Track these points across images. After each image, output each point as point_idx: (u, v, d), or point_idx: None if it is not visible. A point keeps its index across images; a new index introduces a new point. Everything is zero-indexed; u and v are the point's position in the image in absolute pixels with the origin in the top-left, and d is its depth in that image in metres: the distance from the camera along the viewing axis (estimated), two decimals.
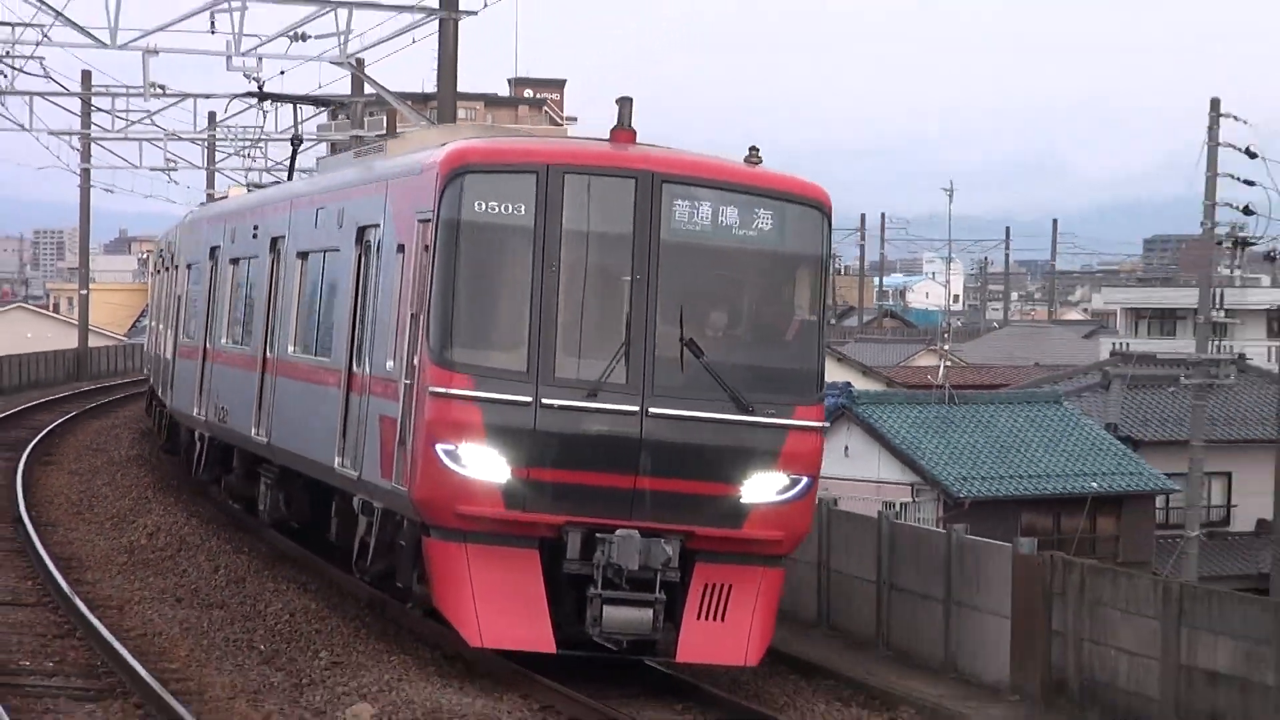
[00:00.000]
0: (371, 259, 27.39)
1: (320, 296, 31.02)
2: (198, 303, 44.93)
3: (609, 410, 22.47)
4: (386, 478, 24.52)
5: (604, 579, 22.33)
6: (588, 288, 23.33)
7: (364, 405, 26.46)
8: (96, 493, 46.14)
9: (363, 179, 29.02)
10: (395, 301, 25.16)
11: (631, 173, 23.05)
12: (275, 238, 35.11)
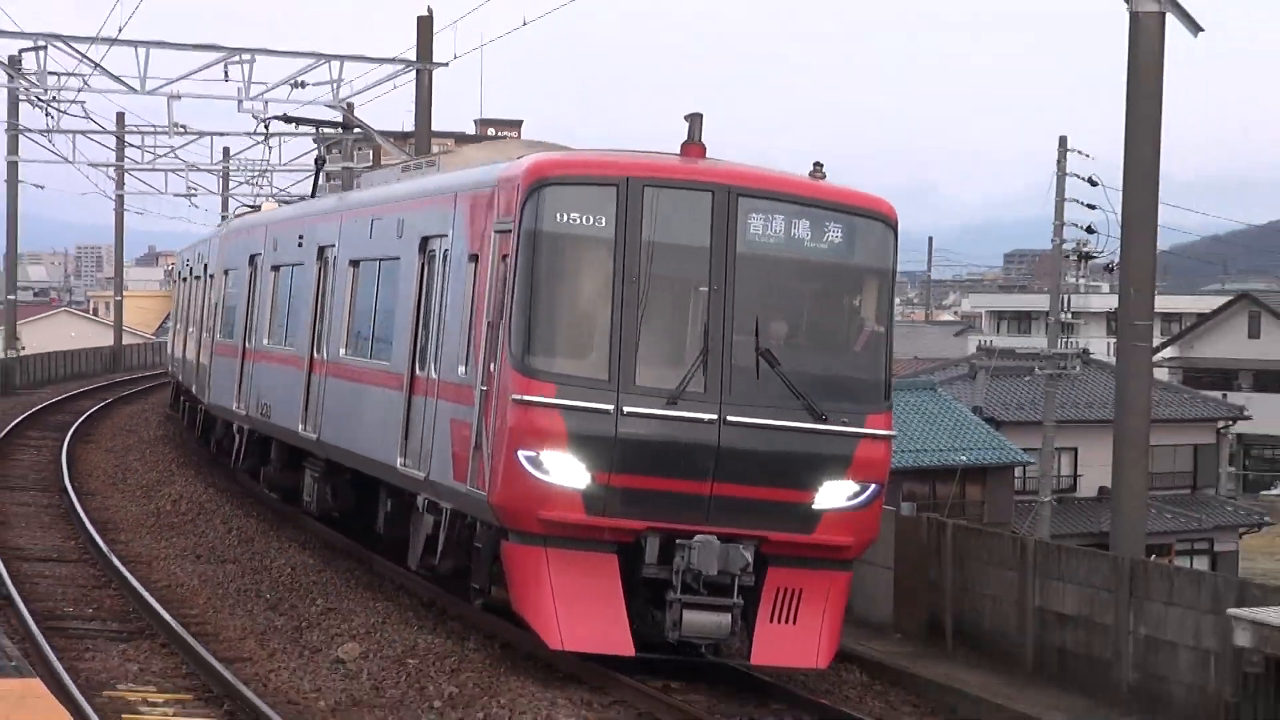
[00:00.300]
0: (436, 268, 24.71)
1: (376, 303, 28.05)
2: (236, 306, 40.94)
3: (688, 418, 20.11)
4: (460, 480, 21.87)
5: (683, 584, 19.94)
6: (666, 298, 20.97)
7: (430, 408, 23.83)
8: (129, 467, 45.99)
9: (426, 191, 26.24)
10: (466, 309, 22.57)
11: (708, 186, 20.91)
12: (323, 246, 31.81)
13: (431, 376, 23.98)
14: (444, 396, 23.06)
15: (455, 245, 23.66)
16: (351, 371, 28.65)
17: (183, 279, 58.58)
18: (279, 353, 35.07)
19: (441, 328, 23.84)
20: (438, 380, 23.56)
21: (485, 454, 20.96)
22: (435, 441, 23.18)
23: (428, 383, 24.18)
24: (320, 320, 31.32)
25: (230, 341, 40.85)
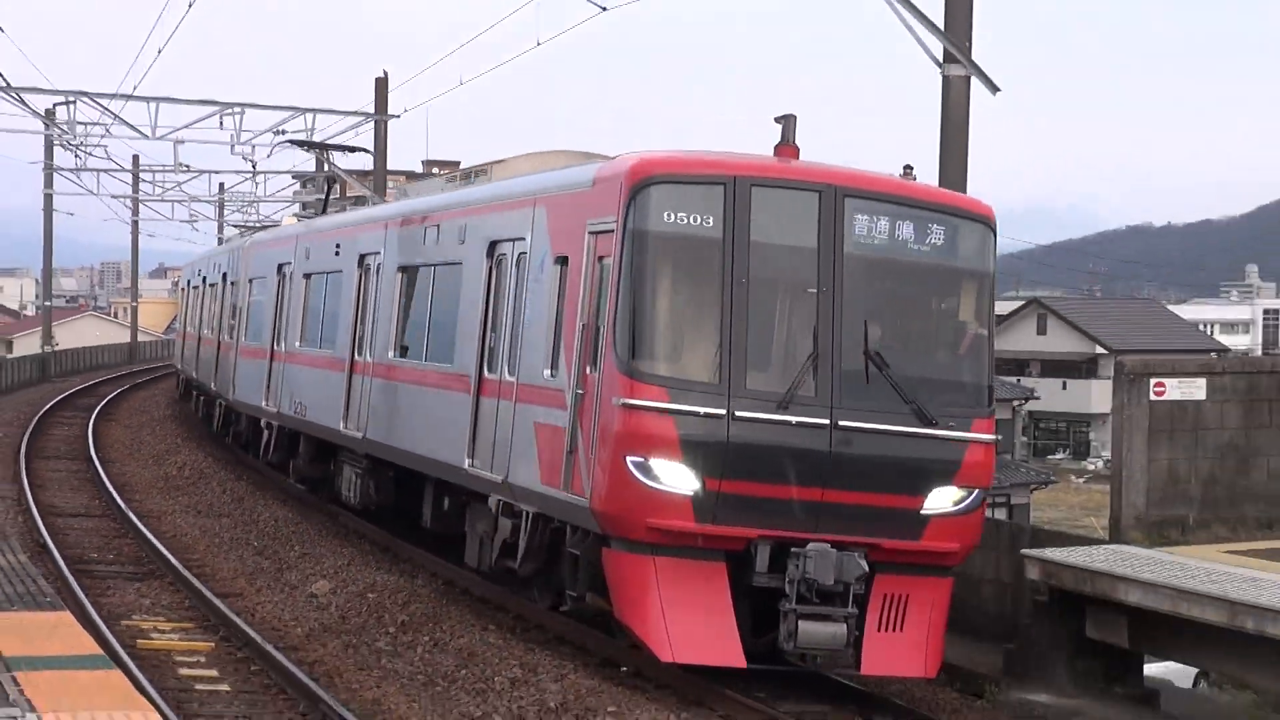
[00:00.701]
0: (508, 272, 20.72)
1: (431, 307, 23.92)
2: (264, 312, 35.77)
3: (799, 423, 16.70)
4: (550, 485, 18.17)
5: (797, 594, 16.57)
6: (774, 300, 17.61)
7: (506, 411, 19.97)
8: (142, 440, 45.71)
9: (495, 197, 21.98)
10: (551, 312, 18.88)
11: (815, 186, 17.44)
12: (364, 255, 27.45)
13: (506, 379, 20.17)
14: (526, 400, 19.28)
15: (536, 248, 19.79)
16: (404, 374, 24.62)
17: (193, 287, 53.42)
18: (314, 355, 30.54)
19: (518, 331, 19.98)
20: (515, 383, 19.74)
21: (583, 459, 17.43)
22: (515, 445, 19.38)
23: (501, 385, 20.30)
24: (361, 324, 27.28)
25: (257, 344, 35.88)
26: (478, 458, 20.64)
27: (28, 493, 32.01)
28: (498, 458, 19.82)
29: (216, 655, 18.97)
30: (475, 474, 20.67)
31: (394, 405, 24.85)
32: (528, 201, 20.25)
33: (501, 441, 19.75)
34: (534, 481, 18.63)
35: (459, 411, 21.41)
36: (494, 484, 19.88)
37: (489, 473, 20.06)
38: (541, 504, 18.58)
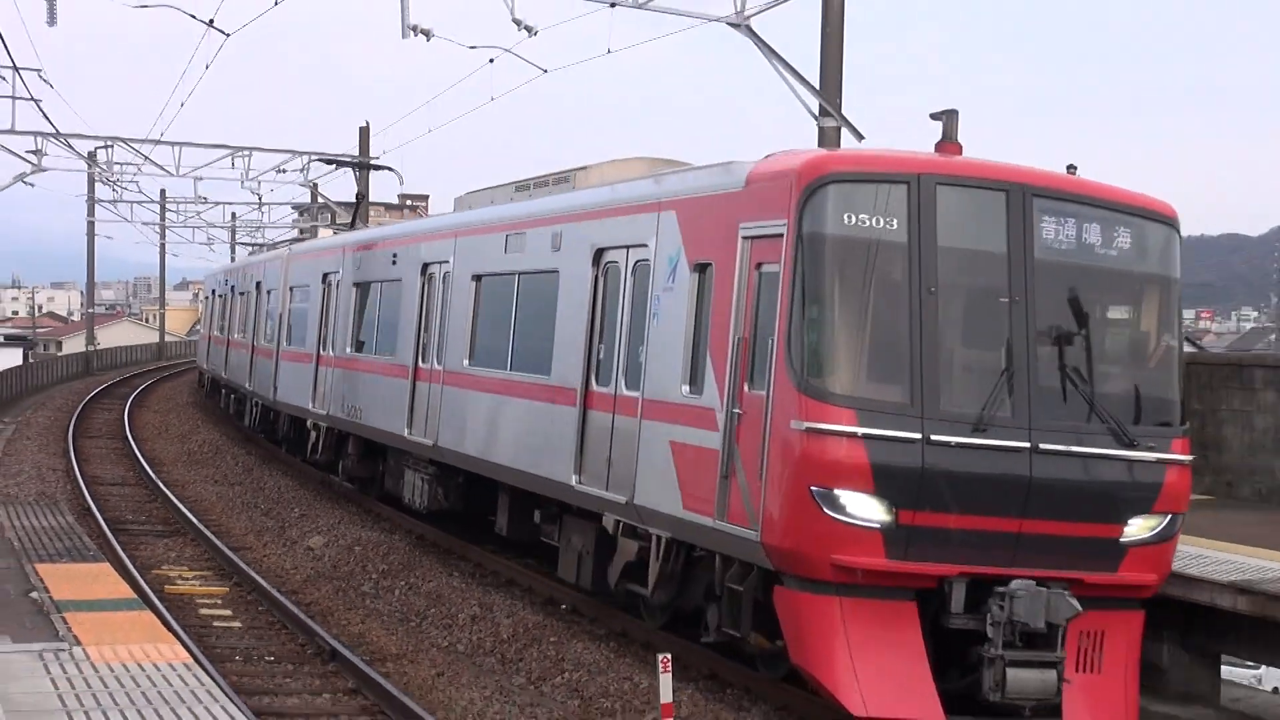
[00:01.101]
0: (621, 280, 16.47)
1: (517, 317, 19.44)
2: (307, 318, 30.76)
3: (997, 447, 12.69)
4: (696, 511, 13.89)
5: (1003, 636, 12.42)
6: (963, 311, 13.51)
7: (627, 428, 15.64)
8: (169, 423, 45.36)
9: (604, 203, 17.40)
10: (688, 324, 14.61)
11: (1002, 185, 13.41)
12: (428, 263, 22.73)
13: (625, 394, 15.88)
14: (655, 417, 15.00)
15: (661, 255, 15.40)
16: (484, 383, 19.97)
17: (219, 296, 48.93)
18: (369, 361, 25.72)
19: (639, 343, 15.70)
20: (639, 399, 15.40)
21: (744, 486, 13.25)
22: (642, 465, 15.13)
23: (619, 401, 16.05)
24: (425, 332, 22.67)
25: (300, 349, 31.04)
26: (588, 474, 16.45)
27: (74, 465, 31.76)
28: (617, 477, 15.69)
29: (230, 598, 18.90)
30: (586, 492, 16.42)
31: (472, 415, 20.38)
32: (648, 206, 16.01)
33: (622, 460, 15.62)
34: (671, 506, 14.42)
35: (561, 426, 17.11)
36: (613, 504, 15.70)
37: (606, 492, 15.86)
38: (681, 530, 14.47)
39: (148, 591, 17.76)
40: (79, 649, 10.49)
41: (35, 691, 9.28)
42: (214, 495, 29.10)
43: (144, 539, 23.34)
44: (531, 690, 14.66)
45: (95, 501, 26.34)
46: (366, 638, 16.86)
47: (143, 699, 9.19)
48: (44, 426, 42.10)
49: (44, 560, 14.29)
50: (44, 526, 17.19)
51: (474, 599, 18.35)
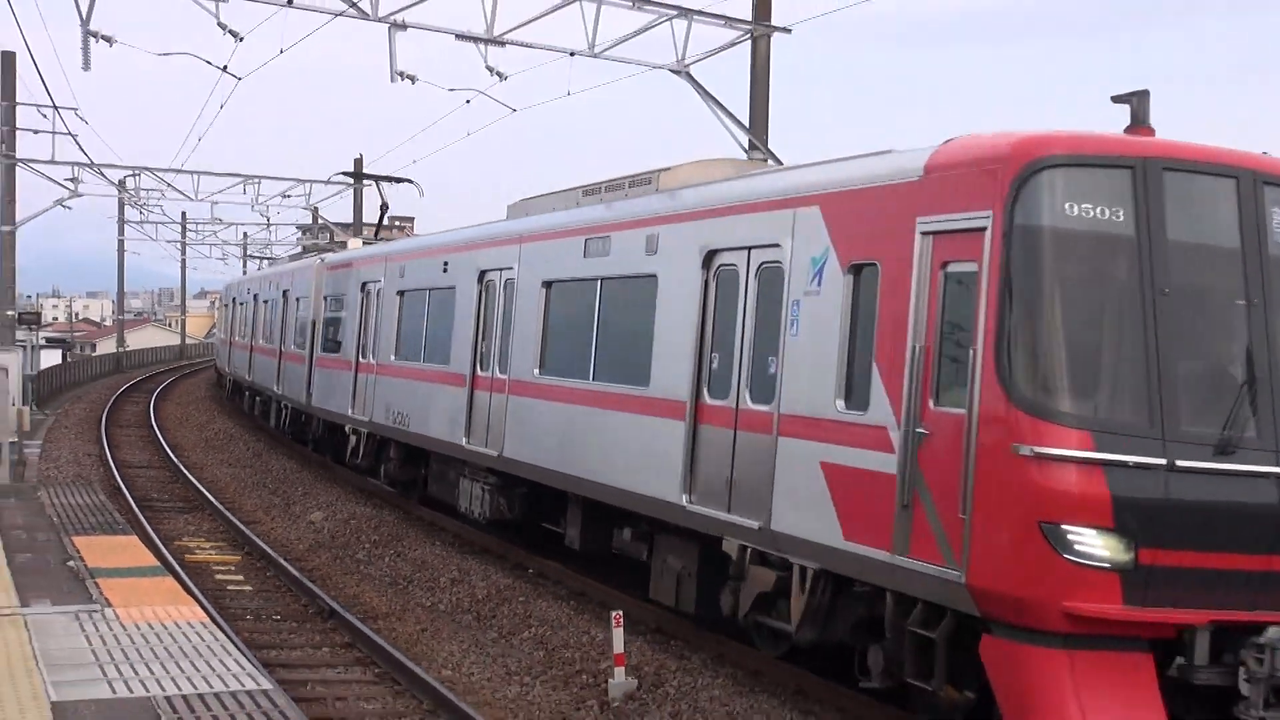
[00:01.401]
0: (739, 283, 12.99)
1: (600, 324, 15.77)
2: (345, 326, 26.60)
3: (1244, 472, 9.67)
4: (864, 543, 10.80)
5: (1264, 696, 9.33)
6: (1197, 315, 10.19)
7: (757, 446, 12.34)
8: (188, 414, 45.02)
9: (714, 201, 13.84)
10: (840, 331, 11.39)
11: (1231, 171, 10.27)
12: (485, 270, 18.95)
13: (752, 408, 12.37)
14: (799, 435, 11.66)
15: (801, 256, 11.94)
16: (557, 393, 16.26)
17: (240, 304, 44.88)
18: (416, 369, 21.72)
19: (767, 353, 12.25)
20: (775, 414, 11.96)
21: (935, 517, 10.09)
22: (781, 487, 11.82)
23: (742, 415, 12.51)
24: (485, 340, 18.98)
25: (337, 355, 26.87)
26: (700, 494, 13.03)
27: (107, 451, 31.50)
28: (744, 499, 12.33)
29: (242, 565, 18.79)
30: (699, 513, 12.91)
31: (544, 426, 16.72)
32: (778, 202, 12.56)
33: (749, 481, 12.26)
34: (825, 535, 11.11)
35: (664, 441, 13.64)
36: (738, 529, 12.28)
37: (728, 515, 12.48)
38: (838, 563, 11.07)
39: (170, 560, 17.66)
40: (110, 610, 10.42)
41: (71, 647, 9.22)
42: (228, 476, 28.92)
43: (167, 514, 23.16)
44: (502, 643, 14.64)
45: (124, 482, 26.15)
46: (360, 599, 16.79)
47: (165, 653, 9.14)
48: (80, 417, 41.71)
49: (80, 533, 14.20)
50: (80, 504, 17.08)
51: (453, 565, 18.30)
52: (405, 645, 14.33)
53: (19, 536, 13.54)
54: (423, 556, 19.02)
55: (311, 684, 12.75)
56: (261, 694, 8.30)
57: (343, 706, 12.13)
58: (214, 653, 9.16)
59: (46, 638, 9.40)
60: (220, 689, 8.35)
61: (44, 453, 30.41)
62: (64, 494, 17.77)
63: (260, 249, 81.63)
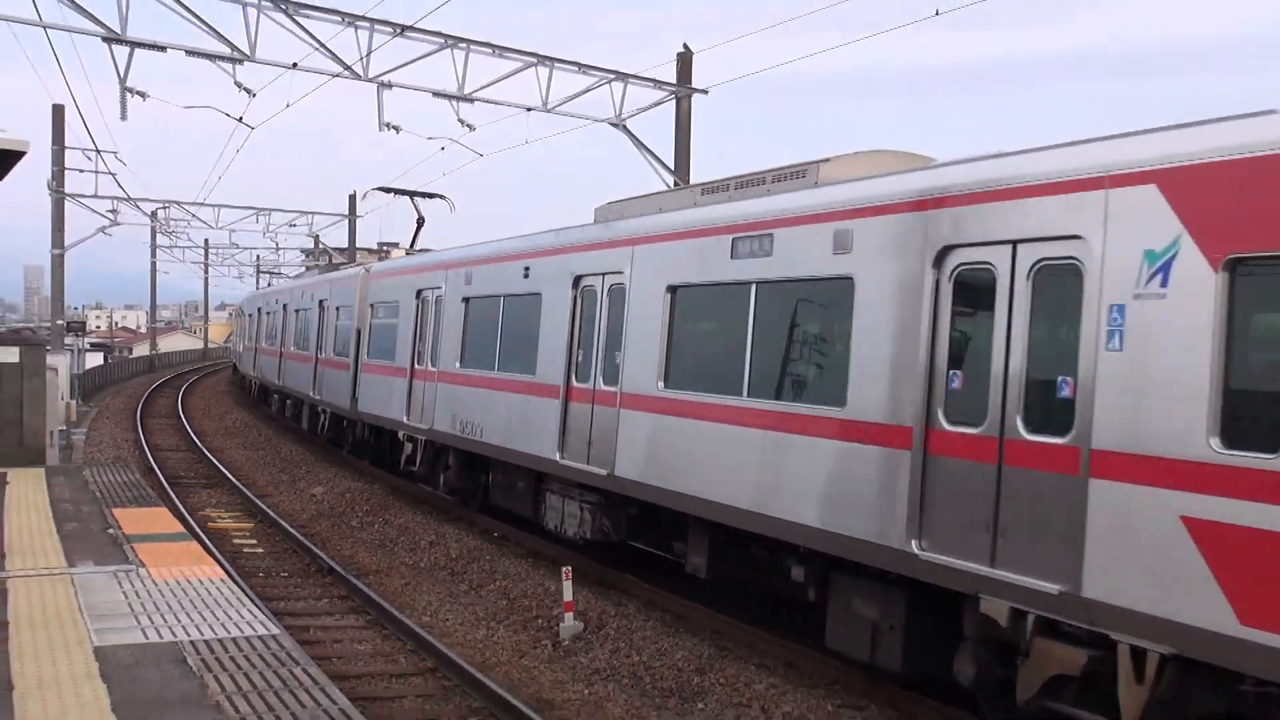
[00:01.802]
0: (1003, 288, 8.49)
1: (757, 336, 11.34)
2: (394, 333, 21.77)
3: None
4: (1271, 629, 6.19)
5: None
6: None
7: (1043, 487, 7.92)
8: (210, 405, 44.37)
9: (966, 185, 8.88)
10: (1212, 348, 6.72)
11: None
12: (582, 275, 14.73)
13: (1030, 439, 8.26)
14: (1142, 480, 7.35)
15: (1122, 251, 7.73)
16: (695, 410, 12.04)
17: (266, 313, 39.31)
18: (492, 378, 17.12)
19: (1069, 374, 8.08)
20: (1085, 450, 7.78)
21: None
22: (1104, 544, 7.58)
23: (1014, 448, 8.36)
24: (582, 349, 14.74)
25: (388, 363, 21.89)
26: (940, 542, 8.97)
27: (141, 437, 30.99)
28: (1025, 554, 8.25)
29: (255, 531, 18.53)
30: (939, 563, 8.90)
31: (674, 446, 12.39)
32: (1080, 183, 8.21)
33: (1038, 530, 8.21)
34: (1197, 612, 7.17)
35: (879, 474, 9.59)
36: (1024, 592, 8.21)
37: (1002, 571, 8.37)
38: (1224, 653, 7.04)
39: (194, 527, 17.43)
40: (143, 570, 10.25)
41: (111, 600, 9.07)
42: (243, 458, 28.51)
43: (192, 489, 22.79)
44: (472, 594, 14.54)
45: (156, 462, 25.71)
46: (354, 559, 16.61)
47: (190, 605, 9.00)
48: (118, 409, 41.00)
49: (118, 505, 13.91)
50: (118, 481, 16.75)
51: (431, 530, 18.15)
52: (391, 597, 14.19)
53: (67, 508, 13.26)
54: (405, 523, 18.85)
55: (313, 629, 12.64)
56: (271, 638, 8.19)
57: (340, 647, 12.02)
58: (231, 604, 9.02)
59: (90, 593, 9.23)
60: (236, 635, 8.22)
61: (88, 438, 29.84)
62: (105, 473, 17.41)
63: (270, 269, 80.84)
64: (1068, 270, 8.17)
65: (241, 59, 19.01)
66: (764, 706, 10.24)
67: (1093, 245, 7.94)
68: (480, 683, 10.44)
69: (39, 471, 16.55)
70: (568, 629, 12.44)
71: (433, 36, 20.20)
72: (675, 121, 21.97)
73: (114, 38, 18.28)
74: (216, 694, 6.91)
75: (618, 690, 10.84)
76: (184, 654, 7.73)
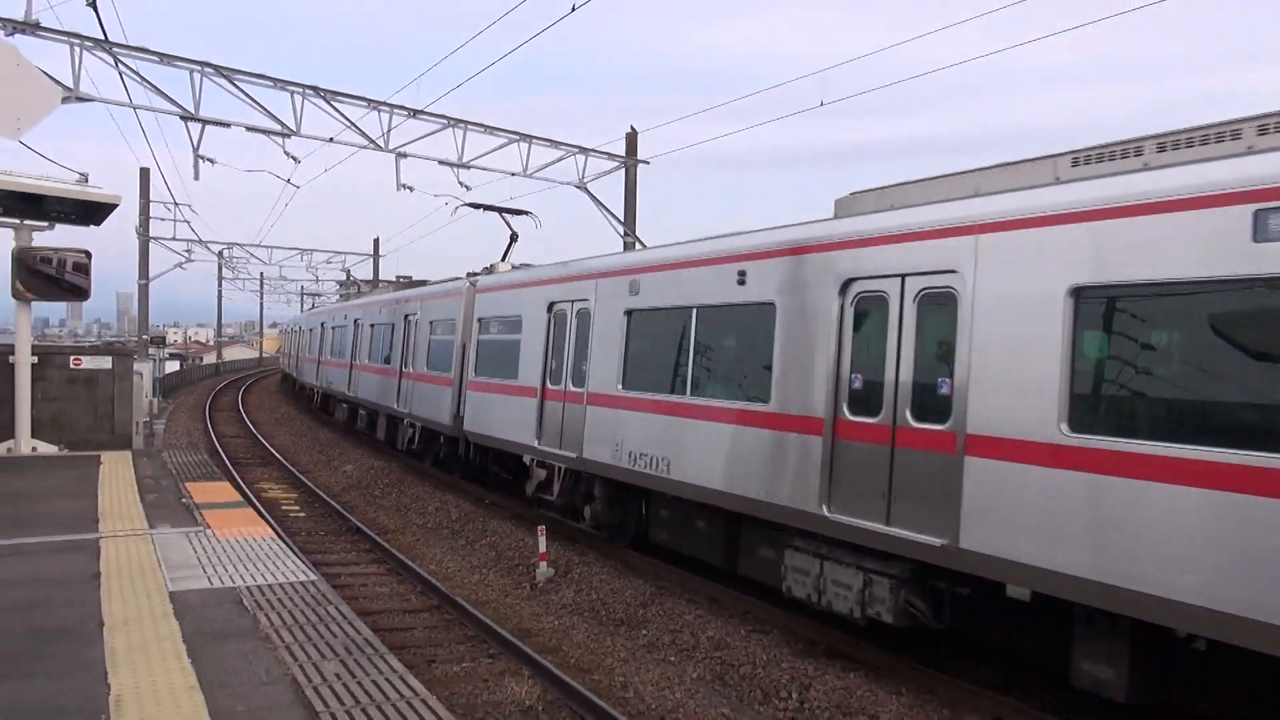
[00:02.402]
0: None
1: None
2: (520, 350, 14.79)
3: None
4: None
5: None
6: None
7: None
8: (264, 401, 43.54)
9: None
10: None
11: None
12: (856, 278, 8.22)
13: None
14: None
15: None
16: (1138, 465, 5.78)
17: (333, 327, 32.34)
18: (677, 403, 10.70)
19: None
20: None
21: None
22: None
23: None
24: (858, 373, 8.40)
25: (504, 381, 15.52)
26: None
27: (209, 426, 30.34)
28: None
29: (299, 500, 18.15)
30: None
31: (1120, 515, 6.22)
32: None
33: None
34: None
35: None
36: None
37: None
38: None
39: (251, 496, 17.06)
40: (209, 531, 10.00)
41: (183, 555, 8.84)
42: (290, 442, 27.92)
43: (249, 467, 22.28)
44: (468, 547, 14.34)
45: (220, 446, 25.21)
46: (377, 521, 16.33)
47: (246, 558, 8.79)
48: (191, 405, 40.10)
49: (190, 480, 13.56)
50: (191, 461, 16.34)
51: (437, 498, 17.90)
52: (405, 550, 13.97)
53: (149, 483, 12.90)
54: (416, 493, 18.57)
55: (344, 576, 12.39)
56: (311, 584, 8.01)
57: (364, 590, 11.80)
58: (279, 557, 8.82)
59: (166, 549, 8.98)
60: (283, 580, 8.03)
61: (167, 427, 29.17)
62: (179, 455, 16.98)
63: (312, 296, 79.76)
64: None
65: (289, 134, 18.74)
66: (693, 632, 10.19)
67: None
68: (475, 616, 10.31)
69: (126, 454, 16.12)
70: (542, 574, 12.31)
71: (438, 118, 20.10)
72: (625, 185, 21.96)
73: (189, 116, 17.94)
74: (266, 627, 6.74)
75: (581, 621, 10.75)
76: (241, 597, 7.53)
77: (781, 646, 9.64)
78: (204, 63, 17.61)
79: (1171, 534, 5.81)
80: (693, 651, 9.73)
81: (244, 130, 18.59)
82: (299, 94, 18.54)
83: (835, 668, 9.01)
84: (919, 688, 8.36)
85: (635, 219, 21.94)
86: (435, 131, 20.24)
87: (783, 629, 10.18)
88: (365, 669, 6.01)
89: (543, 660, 9.06)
